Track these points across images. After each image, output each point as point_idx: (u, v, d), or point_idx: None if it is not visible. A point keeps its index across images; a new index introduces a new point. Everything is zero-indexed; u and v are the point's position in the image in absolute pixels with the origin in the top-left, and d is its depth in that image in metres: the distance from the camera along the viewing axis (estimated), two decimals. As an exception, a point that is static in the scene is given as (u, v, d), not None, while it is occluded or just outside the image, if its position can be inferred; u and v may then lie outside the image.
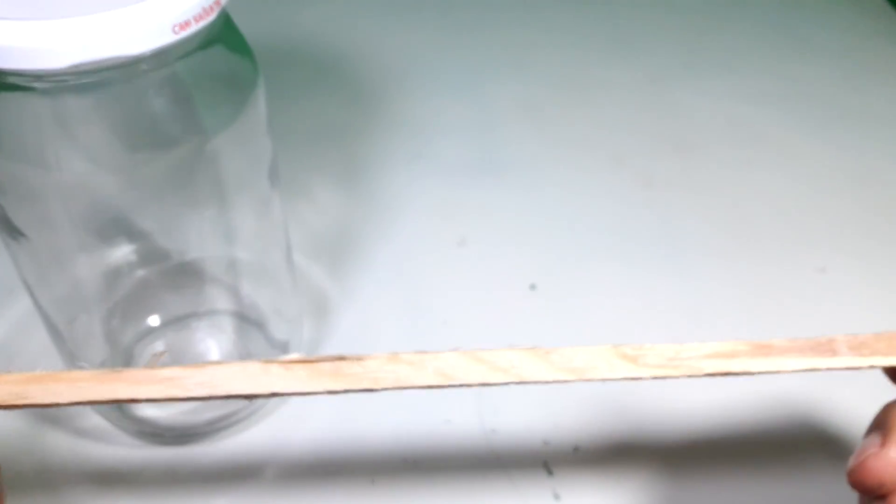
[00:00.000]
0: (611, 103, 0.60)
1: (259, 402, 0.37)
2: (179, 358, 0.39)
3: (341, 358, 0.24)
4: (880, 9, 0.75)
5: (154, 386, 0.23)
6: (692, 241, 0.48)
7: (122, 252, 0.37)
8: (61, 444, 0.36)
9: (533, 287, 0.45)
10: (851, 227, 0.50)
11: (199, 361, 0.24)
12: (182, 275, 0.38)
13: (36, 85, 0.25)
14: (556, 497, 0.35)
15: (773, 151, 0.57)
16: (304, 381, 0.24)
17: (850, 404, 0.38)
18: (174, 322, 0.39)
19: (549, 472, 0.36)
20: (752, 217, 0.51)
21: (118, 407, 0.36)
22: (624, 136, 0.57)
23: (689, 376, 0.24)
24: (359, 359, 0.24)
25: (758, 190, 0.53)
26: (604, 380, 0.24)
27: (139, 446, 0.36)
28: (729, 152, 0.56)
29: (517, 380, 0.24)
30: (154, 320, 0.39)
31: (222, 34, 0.28)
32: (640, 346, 0.25)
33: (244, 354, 0.39)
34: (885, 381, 0.27)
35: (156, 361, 0.24)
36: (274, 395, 0.24)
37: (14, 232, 0.30)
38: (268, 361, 0.24)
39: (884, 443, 0.24)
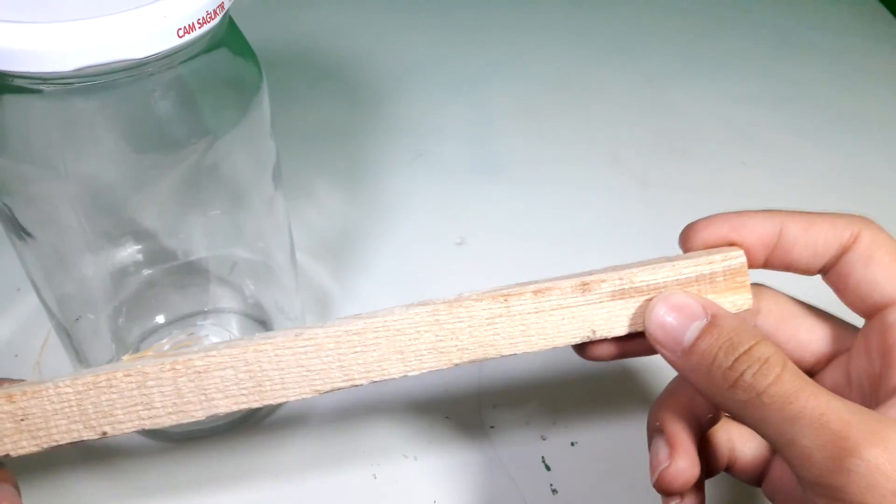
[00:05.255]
0: (608, 104, 0.61)
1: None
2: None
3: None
4: (875, 11, 0.75)
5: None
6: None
7: (128, 252, 0.37)
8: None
9: (532, 286, 0.45)
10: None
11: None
12: (187, 274, 0.39)
13: (42, 87, 0.25)
14: (554, 491, 0.36)
15: (767, 152, 0.57)
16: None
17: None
18: (179, 321, 0.40)
19: (547, 467, 0.37)
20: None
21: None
22: (621, 136, 0.58)
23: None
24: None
25: (752, 190, 0.53)
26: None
27: (143, 442, 0.37)
28: (724, 153, 0.57)
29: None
30: (160, 319, 0.39)
31: (226, 38, 0.29)
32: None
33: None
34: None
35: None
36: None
37: (21, 232, 0.30)
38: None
39: (671, 454, 0.26)
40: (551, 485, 0.36)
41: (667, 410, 0.28)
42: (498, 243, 0.48)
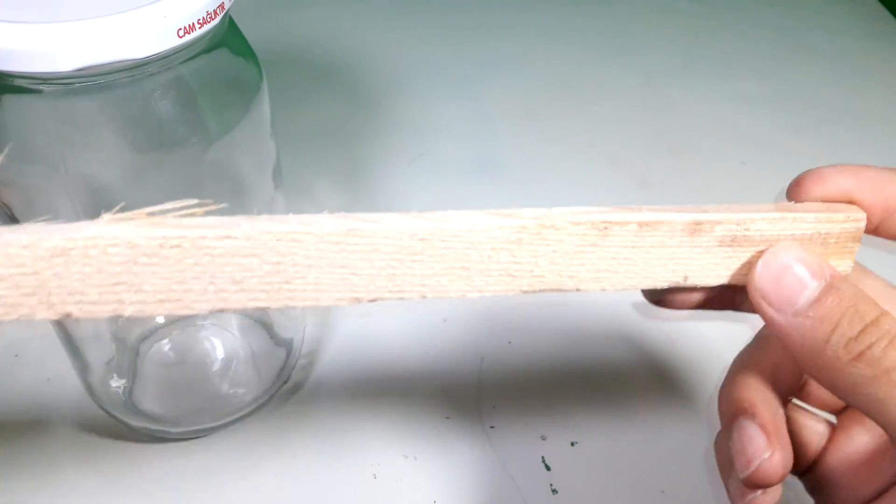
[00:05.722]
0: (607, 104, 0.61)
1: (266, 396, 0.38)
2: (184, 357, 0.39)
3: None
4: (874, 10, 0.75)
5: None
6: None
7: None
8: (65, 439, 0.37)
9: (532, 286, 0.45)
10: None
11: (205, 360, 0.22)
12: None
13: (43, 87, 0.25)
14: (554, 491, 0.36)
15: (767, 152, 0.57)
16: None
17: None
18: (180, 321, 0.40)
19: (547, 467, 0.37)
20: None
21: (123, 402, 0.36)
22: (620, 136, 0.58)
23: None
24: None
25: (752, 190, 0.53)
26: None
27: (143, 442, 0.37)
28: (723, 153, 0.57)
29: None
30: (160, 319, 0.39)
31: (226, 38, 0.29)
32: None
33: (248, 353, 0.39)
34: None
35: None
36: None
37: (22, 232, 0.30)
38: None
39: (770, 442, 0.23)
40: (551, 485, 0.36)
41: (755, 387, 0.25)
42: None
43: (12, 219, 0.30)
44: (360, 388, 0.39)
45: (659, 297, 0.26)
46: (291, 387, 0.39)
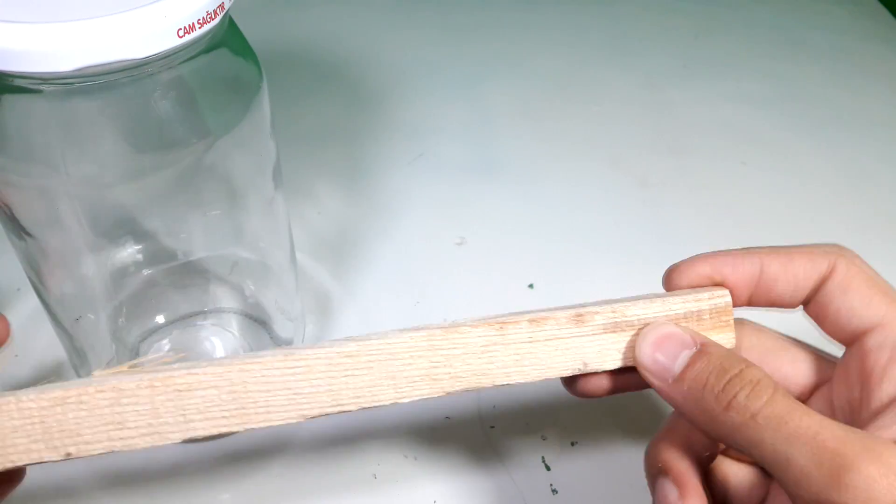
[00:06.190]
0: (607, 104, 0.61)
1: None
2: (184, 357, 0.39)
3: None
4: (874, 10, 0.75)
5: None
6: (687, 240, 0.49)
7: (129, 252, 0.37)
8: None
9: (531, 286, 0.45)
10: (845, 227, 0.51)
11: (206, 359, 0.24)
12: (187, 274, 0.39)
13: (43, 87, 0.25)
14: (554, 491, 0.36)
15: (767, 152, 0.57)
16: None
17: None
18: (179, 321, 0.40)
19: (547, 467, 0.37)
20: (746, 217, 0.51)
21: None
22: (620, 136, 0.58)
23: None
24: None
25: (752, 190, 0.53)
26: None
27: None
28: (723, 152, 0.57)
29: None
30: (160, 319, 0.39)
31: (226, 38, 0.29)
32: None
33: (249, 352, 0.39)
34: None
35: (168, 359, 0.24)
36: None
37: (21, 232, 0.30)
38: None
39: (682, 494, 0.26)
40: (551, 485, 0.36)
41: (667, 450, 0.28)
42: (498, 243, 0.48)
43: (12, 219, 0.30)
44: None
45: (573, 388, 0.29)
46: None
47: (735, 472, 0.29)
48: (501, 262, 0.47)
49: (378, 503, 0.35)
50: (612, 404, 0.39)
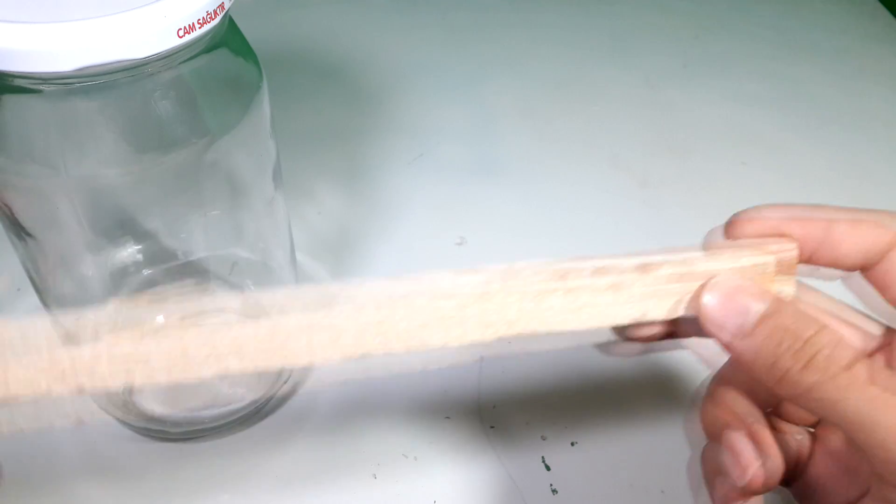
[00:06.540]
0: (607, 104, 0.61)
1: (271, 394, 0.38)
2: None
3: None
4: (875, 10, 0.75)
5: None
6: (687, 241, 0.49)
7: (128, 252, 0.37)
8: (65, 439, 0.37)
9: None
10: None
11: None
12: (187, 274, 0.39)
13: (43, 87, 0.25)
14: (554, 491, 0.36)
15: (767, 152, 0.57)
16: None
17: None
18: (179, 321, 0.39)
19: (547, 467, 0.37)
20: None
21: (123, 402, 0.36)
22: (620, 136, 0.58)
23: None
24: None
25: (752, 190, 0.53)
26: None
27: (144, 442, 0.37)
28: (723, 152, 0.57)
29: None
30: (160, 318, 0.39)
31: (226, 38, 0.29)
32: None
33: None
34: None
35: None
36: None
37: (21, 232, 0.30)
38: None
39: (761, 449, 0.25)
40: (551, 485, 0.36)
41: (736, 403, 0.27)
42: (498, 243, 0.48)
43: (12, 219, 0.30)
44: (360, 387, 0.39)
45: (625, 335, 0.28)
46: (291, 386, 0.39)
47: (783, 436, 0.28)
48: (501, 261, 0.47)
49: (378, 503, 0.35)
50: (613, 404, 0.39)
